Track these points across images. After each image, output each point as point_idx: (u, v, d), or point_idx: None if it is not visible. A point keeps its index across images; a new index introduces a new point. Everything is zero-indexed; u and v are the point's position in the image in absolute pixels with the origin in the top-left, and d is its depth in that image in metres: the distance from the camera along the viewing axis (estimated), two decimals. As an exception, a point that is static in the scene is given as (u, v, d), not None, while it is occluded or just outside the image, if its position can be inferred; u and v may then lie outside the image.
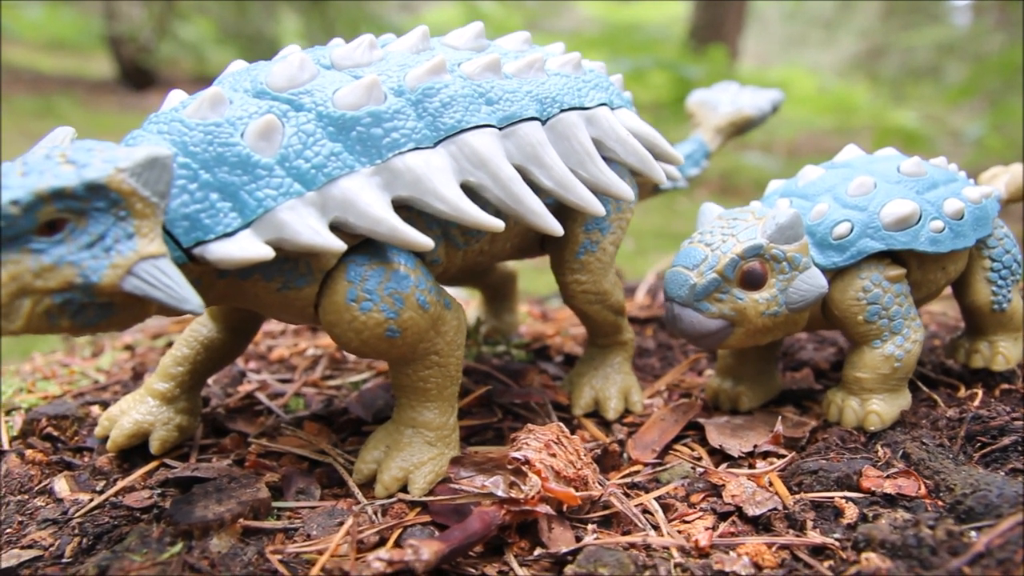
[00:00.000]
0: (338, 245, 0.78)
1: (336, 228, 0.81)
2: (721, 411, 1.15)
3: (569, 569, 0.79)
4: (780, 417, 1.07)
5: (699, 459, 1.03)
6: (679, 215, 5.21)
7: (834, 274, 1.03)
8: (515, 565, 0.81)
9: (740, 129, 1.54)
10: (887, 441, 1.01)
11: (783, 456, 1.02)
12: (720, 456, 1.04)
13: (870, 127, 6.59)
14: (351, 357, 1.35)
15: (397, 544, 0.83)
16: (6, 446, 1.08)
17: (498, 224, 0.84)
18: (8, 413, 1.17)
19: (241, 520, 0.85)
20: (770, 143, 6.57)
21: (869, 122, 6.64)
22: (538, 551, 0.82)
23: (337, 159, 0.80)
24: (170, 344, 1.44)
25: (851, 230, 1.01)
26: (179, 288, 0.72)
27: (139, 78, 7.98)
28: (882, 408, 1.03)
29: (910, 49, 8.17)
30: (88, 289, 0.71)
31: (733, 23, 7.73)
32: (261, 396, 1.19)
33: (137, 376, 1.31)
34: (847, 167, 1.10)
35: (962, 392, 1.14)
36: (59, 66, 8.68)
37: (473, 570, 0.81)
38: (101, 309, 0.73)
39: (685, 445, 1.07)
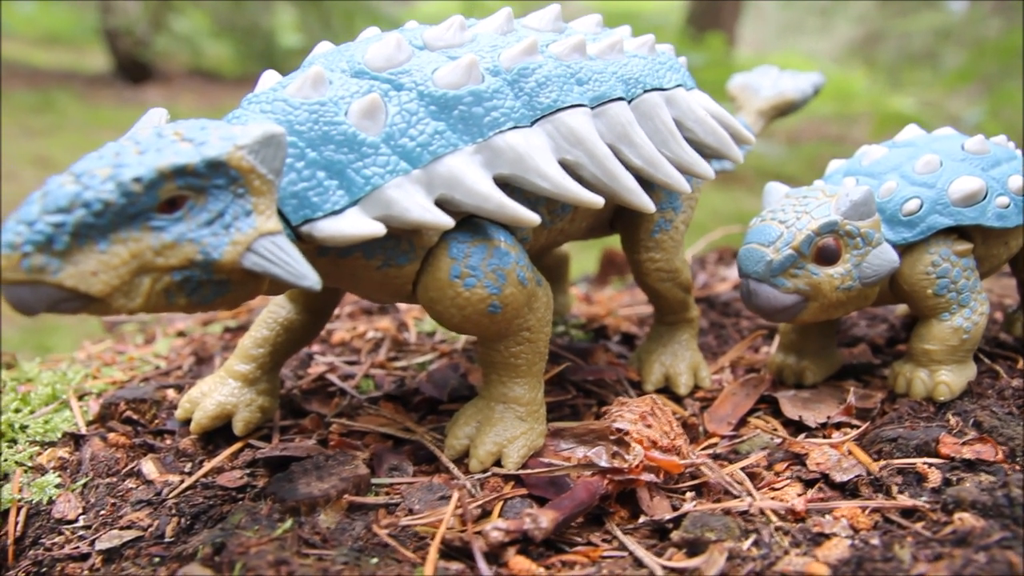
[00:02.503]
0: (447, 221, 0.79)
1: (440, 205, 0.82)
2: (786, 385, 1.17)
3: (675, 535, 0.81)
4: (852, 389, 1.09)
5: (775, 430, 1.05)
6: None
7: (903, 249, 1.05)
8: (618, 533, 0.83)
9: (782, 112, 1.56)
10: (957, 410, 1.03)
11: (856, 426, 1.04)
12: (794, 427, 1.06)
13: (869, 113, 6.64)
14: (413, 339, 1.36)
15: (500, 515, 0.85)
16: (83, 430, 1.09)
17: (598, 200, 0.86)
18: (80, 398, 1.18)
19: (346, 496, 0.86)
20: (771, 130, 6.60)
21: (867, 108, 6.68)
22: (642, 519, 0.84)
23: (441, 137, 0.81)
24: (228, 330, 1.45)
25: (920, 206, 1.04)
26: (297, 264, 0.74)
27: (136, 72, 7.91)
28: (951, 379, 1.06)
29: (907, 35, 8.21)
30: (208, 266, 0.72)
31: (730, 10, 7.75)
32: (333, 378, 1.20)
33: (200, 361, 1.32)
34: (910, 146, 1.12)
35: (1021, 364, 1.16)
36: (55, 60, 8.61)
37: (579, 538, 0.83)
38: (218, 286, 0.74)
39: (758, 418, 1.09)
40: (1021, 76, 5.32)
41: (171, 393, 1.16)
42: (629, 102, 0.94)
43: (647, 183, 0.97)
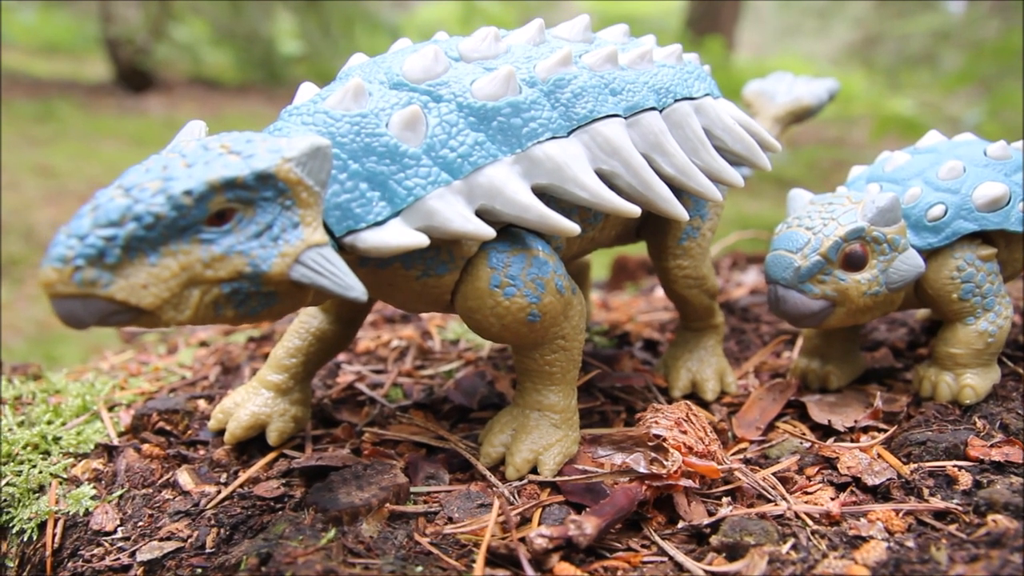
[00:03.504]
0: (489, 231, 0.80)
1: (480, 215, 0.83)
2: (811, 390, 1.18)
3: (714, 539, 0.82)
4: (878, 393, 1.10)
5: (804, 435, 1.06)
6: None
7: (928, 254, 1.07)
8: (657, 538, 0.84)
9: (798, 118, 1.57)
10: (983, 413, 1.04)
11: (883, 430, 1.05)
12: (821, 431, 1.07)
13: (868, 116, 6.66)
14: (437, 347, 1.37)
15: (540, 522, 0.86)
16: (116, 441, 1.09)
17: (635, 210, 0.87)
18: (110, 409, 1.18)
19: (387, 505, 0.87)
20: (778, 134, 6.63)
21: (867, 111, 6.71)
22: (680, 524, 0.85)
23: (481, 148, 0.82)
24: (252, 339, 1.46)
25: (945, 212, 1.05)
26: (344, 276, 0.75)
27: (136, 80, 7.92)
28: (976, 382, 1.07)
29: (905, 37, 8.26)
30: (257, 278, 0.72)
31: (728, 14, 7.78)
32: (362, 387, 1.21)
33: (226, 371, 1.32)
34: (933, 152, 1.14)
35: (1044, 366, 1.17)
36: (55, 70, 8.61)
37: (618, 544, 0.84)
38: (265, 298, 0.75)
39: (786, 422, 1.10)
40: (1020, 77, 5.34)
41: (202, 403, 1.17)
42: (660, 111, 0.95)
43: (677, 191, 0.98)
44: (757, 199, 5.45)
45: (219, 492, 0.97)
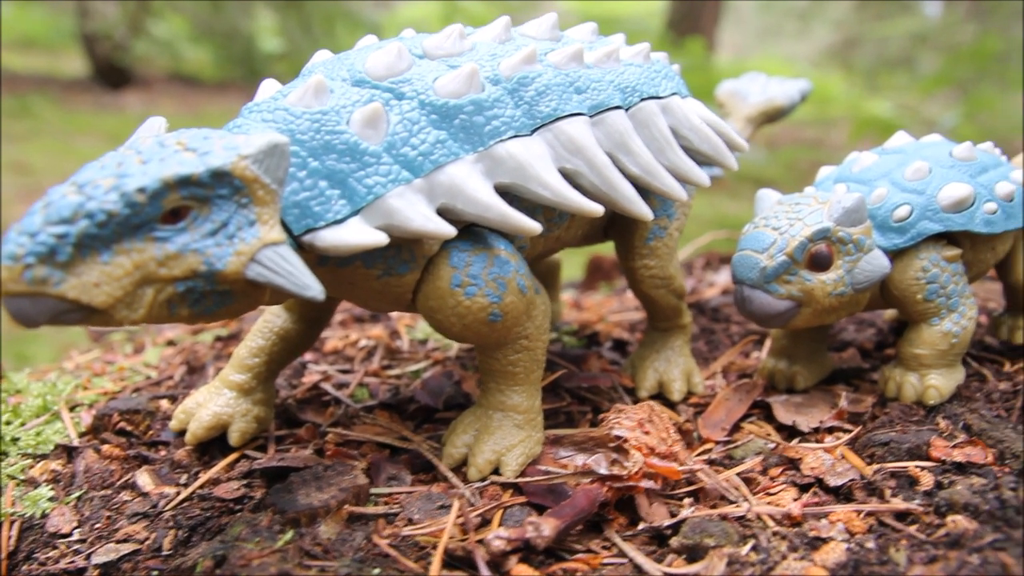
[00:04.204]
0: (450, 230, 0.79)
1: (441, 214, 0.82)
2: (778, 390, 1.18)
3: (674, 541, 0.82)
4: (844, 394, 1.11)
5: (768, 435, 1.06)
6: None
7: (894, 255, 1.07)
8: (618, 540, 0.84)
9: (771, 118, 1.57)
10: (947, 414, 1.05)
11: (848, 431, 1.05)
12: (787, 432, 1.07)
13: (846, 117, 6.72)
14: (406, 346, 1.36)
15: (500, 524, 0.85)
16: (76, 442, 1.08)
17: (599, 209, 0.86)
18: (72, 409, 1.16)
19: (346, 506, 0.86)
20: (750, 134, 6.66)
21: (845, 112, 6.77)
22: (641, 525, 0.85)
23: (442, 146, 0.82)
24: (219, 339, 1.44)
25: (911, 213, 1.05)
26: (301, 275, 0.74)
27: (114, 76, 7.83)
28: (940, 383, 1.07)
29: (883, 39, 8.35)
30: (211, 277, 0.71)
31: (710, 15, 7.82)
32: (327, 387, 1.19)
33: (191, 370, 1.31)
34: (900, 153, 1.14)
35: (1008, 367, 1.18)
36: (31, 65, 8.49)
37: (578, 546, 0.83)
38: (220, 297, 0.74)
39: (752, 423, 1.10)
40: (996, 80, 5.41)
41: (164, 403, 1.15)
42: (626, 110, 0.95)
43: (643, 191, 0.98)
44: (735, 199, 5.47)
45: (179, 493, 0.96)
